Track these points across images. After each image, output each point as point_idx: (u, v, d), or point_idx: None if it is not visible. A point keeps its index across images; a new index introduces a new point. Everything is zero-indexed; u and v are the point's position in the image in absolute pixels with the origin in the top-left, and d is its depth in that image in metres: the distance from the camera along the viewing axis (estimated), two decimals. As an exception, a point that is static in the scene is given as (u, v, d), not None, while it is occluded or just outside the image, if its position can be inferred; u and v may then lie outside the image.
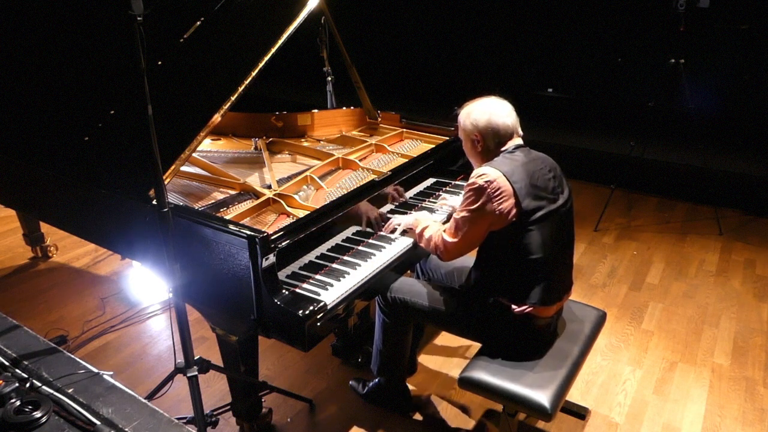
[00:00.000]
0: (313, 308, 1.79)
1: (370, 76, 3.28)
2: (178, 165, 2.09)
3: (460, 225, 1.98)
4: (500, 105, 2.04)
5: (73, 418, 1.21)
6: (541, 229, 1.92)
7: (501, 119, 2.00)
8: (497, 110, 2.02)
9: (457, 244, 2.00)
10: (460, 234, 1.98)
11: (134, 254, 2.30)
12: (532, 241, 1.92)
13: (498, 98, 2.06)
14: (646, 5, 5.19)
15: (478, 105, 2.05)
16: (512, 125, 2.02)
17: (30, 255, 3.75)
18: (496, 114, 2.00)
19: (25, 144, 2.64)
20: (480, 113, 2.02)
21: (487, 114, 2.01)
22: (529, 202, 1.90)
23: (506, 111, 2.03)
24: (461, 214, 1.97)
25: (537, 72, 6.13)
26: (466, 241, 1.99)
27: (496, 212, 1.89)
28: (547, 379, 1.94)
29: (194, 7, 2.51)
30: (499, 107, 2.03)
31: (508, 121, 2.01)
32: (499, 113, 2.01)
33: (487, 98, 2.07)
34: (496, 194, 1.88)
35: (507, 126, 2.01)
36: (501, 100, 2.06)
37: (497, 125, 2.00)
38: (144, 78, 1.58)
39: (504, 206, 1.89)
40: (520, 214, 1.90)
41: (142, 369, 2.77)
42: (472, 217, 1.94)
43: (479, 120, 2.01)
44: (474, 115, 2.03)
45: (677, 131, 4.62)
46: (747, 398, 2.58)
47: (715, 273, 3.60)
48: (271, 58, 2.21)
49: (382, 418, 2.45)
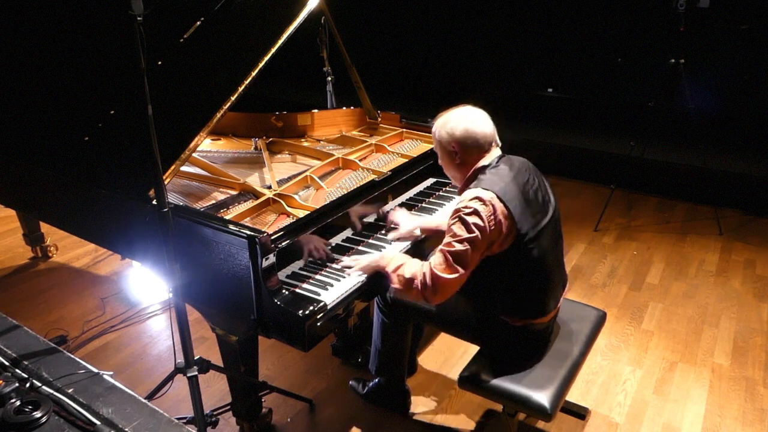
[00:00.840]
0: (313, 308, 1.79)
1: (370, 76, 3.28)
2: (178, 165, 2.09)
3: (456, 258, 1.78)
4: (477, 113, 1.94)
5: (73, 418, 1.21)
6: (536, 246, 1.86)
7: (479, 128, 1.89)
8: (475, 119, 1.91)
9: (457, 279, 1.79)
10: (459, 267, 1.78)
11: (134, 254, 2.30)
12: (527, 260, 1.86)
13: (473, 107, 1.96)
14: (646, 5, 5.19)
15: (454, 114, 1.94)
16: (491, 134, 1.92)
17: (30, 255, 3.75)
18: (473, 122, 1.90)
19: (25, 144, 2.64)
20: (456, 122, 1.90)
21: (464, 122, 1.90)
22: (524, 223, 1.81)
23: (484, 120, 1.93)
24: (454, 245, 1.78)
25: (537, 72, 6.12)
26: (466, 273, 1.80)
27: (493, 235, 1.79)
28: (546, 379, 1.94)
29: (194, 7, 2.51)
30: (476, 116, 1.93)
31: (487, 130, 1.91)
32: (477, 122, 1.91)
33: (461, 108, 1.95)
34: (491, 217, 1.77)
35: (486, 135, 1.90)
36: (477, 109, 1.95)
37: (476, 134, 1.89)
38: (144, 78, 1.58)
39: (501, 229, 1.79)
40: (517, 236, 1.82)
41: (142, 369, 2.77)
42: (468, 247, 1.77)
43: (456, 129, 1.89)
44: (450, 125, 1.91)
45: (677, 131, 4.62)
46: (747, 398, 2.58)
47: (715, 273, 3.60)
48: (271, 58, 2.21)
49: (382, 418, 2.45)
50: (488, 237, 1.79)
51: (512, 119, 5.45)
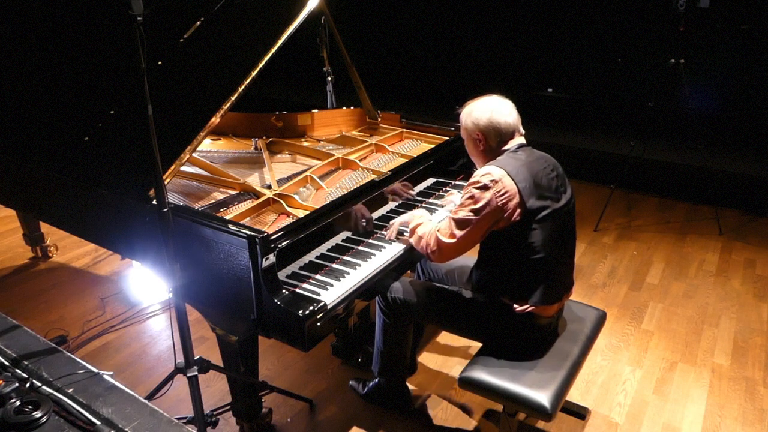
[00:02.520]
0: (313, 308, 1.79)
1: (370, 76, 3.28)
2: (178, 165, 2.09)
3: (459, 225, 1.94)
4: (501, 103, 2.03)
5: (73, 418, 1.21)
6: (544, 228, 1.92)
7: (503, 117, 1.99)
8: (498, 108, 2.01)
9: (455, 245, 1.96)
10: (458, 234, 1.94)
11: (134, 254, 2.30)
12: (535, 241, 1.92)
13: (499, 96, 2.06)
14: (646, 5, 5.19)
15: (480, 104, 2.04)
16: (514, 123, 2.02)
17: (30, 255, 3.75)
18: (497, 112, 2.00)
19: (25, 144, 2.64)
20: (481, 112, 2.01)
21: (488, 112, 2.00)
22: (533, 202, 1.89)
23: (507, 109, 2.02)
24: (461, 214, 1.93)
25: (537, 72, 6.12)
26: (465, 241, 1.95)
27: (500, 212, 1.88)
28: (547, 379, 1.94)
29: (194, 7, 2.51)
30: (501, 105, 2.02)
31: (510, 119, 2.01)
32: (501, 111, 2.00)
33: (488, 97, 2.06)
34: (500, 193, 1.87)
35: (509, 124, 2.00)
36: (502, 99, 2.06)
37: (499, 124, 1.99)
38: (144, 78, 1.58)
39: (508, 205, 1.88)
40: (524, 214, 1.89)
41: (142, 369, 2.77)
42: (474, 217, 1.90)
43: (480, 119, 2.00)
44: (475, 114, 2.02)
45: (677, 131, 4.61)
46: (747, 398, 2.58)
47: (715, 273, 3.60)
48: (271, 58, 2.21)
49: (382, 418, 2.45)
50: (494, 211, 1.88)
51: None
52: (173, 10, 2.57)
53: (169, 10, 2.55)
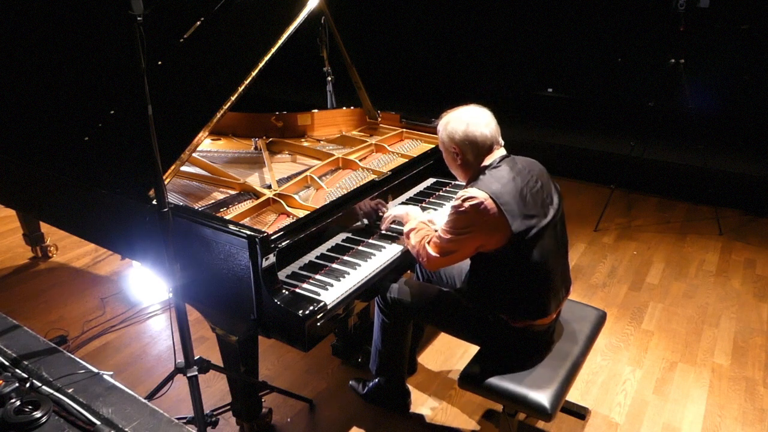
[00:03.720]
0: (313, 308, 1.79)
1: (370, 76, 3.28)
2: (178, 165, 2.09)
3: (445, 244, 1.91)
4: (478, 114, 1.95)
5: (73, 418, 1.21)
6: (534, 246, 1.87)
7: (479, 129, 1.91)
8: (475, 121, 1.92)
9: (443, 260, 1.95)
10: (444, 252, 1.92)
11: (134, 254, 2.30)
12: (525, 261, 1.88)
13: (477, 107, 1.98)
14: (646, 5, 5.19)
15: (455, 116, 1.96)
16: (491, 136, 1.93)
17: (30, 255, 3.74)
18: (473, 125, 1.91)
19: (25, 144, 2.64)
20: (456, 124, 1.93)
21: (463, 125, 1.92)
22: (519, 224, 1.83)
23: (485, 120, 1.94)
24: (447, 235, 1.90)
25: (537, 72, 6.12)
26: (450, 260, 1.96)
27: (484, 236, 1.86)
28: (547, 379, 1.94)
29: (194, 7, 2.51)
30: (477, 117, 1.94)
31: (486, 131, 1.92)
32: (477, 123, 1.92)
33: (464, 108, 1.98)
34: (483, 219, 1.82)
35: (485, 137, 1.92)
36: (480, 109, 1.97)
37: (475, 137, 1.91)
38: (144, 78, 1.58)
39: (492, 231, 1.84)
40: (511, 237, 1.84)
41: (142, 369, 2.77)
42: (458, 239, 1.88)
43: (456, 132, 1.93)
44: (450, 127, 1.94)
45: (677, 131, 4.62)
46: (747, 398, 2.58)
47: (715, 273, 3.60)
48: (271, 58, 2.21)
49: (382, 418, 2.45)
50: (478, 234, 1.87)
51: (512, 119, 5.44)
52: (173, 10, 2.57)
53: (169, 10, 2.55)
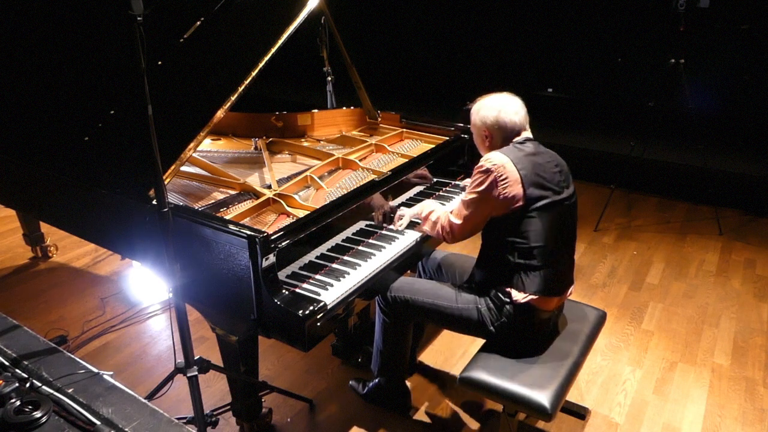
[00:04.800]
0: (313, 308, 1.79)
1: (370, 76, 3.28)
2: (178, 165, 2.09)
3: (466, 205, 2.04)
4: (510, 102, 2.08)
5: (73, 418, 1.21)
6: (544, 217, 1.95)
7: (509, 117, 2.04)
8: (506, 107, 2.06)
9: (463, 225, 2.07)
10: (464, 214, 2.04)
11: (134, 254, 2.30)
12: (535, 229, 1.95)
13: (509, 95, 2.11)
14: (646, 5, 5.19)
15: (488, 102, 2.09)
16: (520, 123, 2.06)
17: (30, 255, 3.75)
18: (504, 111, 2.05)
19: (25, 144, 2.64)
20: (488, 110, 2.06)
21: (495, 111, 2.05)
22: (533, 190, 1.94)
23: (515, 108, 2.07)
24: (468, 195, 2.03)
25: (537, 72, 6.12)
26: (470, 222, 2.05)
27: (501, 196, 1.94)
28: (547, 379, 1.94)
29: (194, 7, 2.51)
30: (509, 104, 2.07)
31: (516, 118, 2.05)
32: (508, 110, 2.05)
33: (497, 94, 2.11)
34: (501, 178, 1.93)
35: (515, 123, 2.05)
36: (511, 97, 2.10)
37: (504, 123, 2.04)
38: (144, 78, 1.58)
39: (508, 191, 1.93)
40: (524, 201, 1.94)
41: (142, 369, 2.77)
42: (477, 198, 1.99)
43: (488, 117, 2.06)
44: (483, 112, 2.08)
45: (677, 131, 4.62)
46: (747, 398, 2.58)
47: (715, 273, 3.60)
48: (271, 58, 2.21)
49: (382, 418, 2.45)
50: (496, 194, 1.95)
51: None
52: (173, 10, 2.57)
53: (169, 10, 2.55)
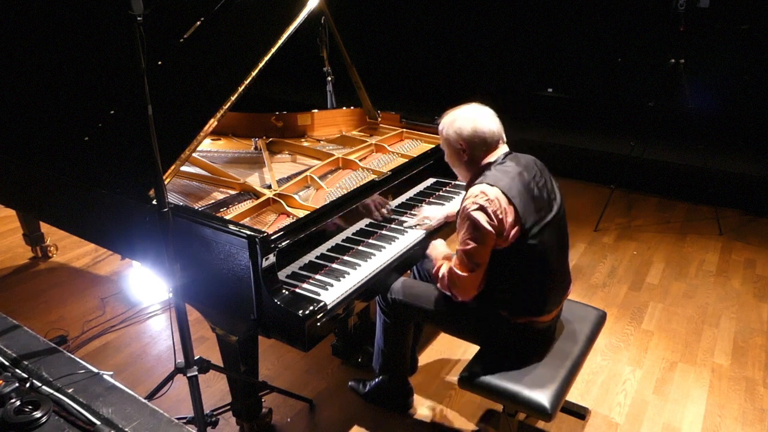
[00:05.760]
0: (313, 308, 1.79)
1: (370, 76, 3.28)
2: (178, 165, 2.09)
3: (467, 254, 1.88)
4: (484, 111, 1.98)
5: (73, 418, 1.21)
6: (540, 242, 1.88)
7: (487, 126, 1.94)
8: (482, 117, 1.95)
9: (474, 276, 1.90)
10: (471, 263, 1.88)
11: (134, 254, 2.30)
12: (531, 256, 1.89)
13: (480, 105, 2.00)
14: (646, 5, 5.19)
15: (462, 112, 1.98)
16: (497, 131, 1.96)
17: (30, 255, 3.75)
18: (481, 121, 1.94)
19: (25, 144, 2.64)
20: (464, 121, 1.95)
21: (471, 121, 1.94)
22: (529, 220, 1.85)
23: (490, 117, 1.97)
24: (467, 242, 1.87)
25: (537, 72, 6.12)
26: (479, 268, 1.89)
27: (498, 232, 1.84)
28: (547, 379, 1.94)
29: (194, 7, 2.51)
30: (483, 113, 1.97)
31: (494, 127, 1.95)
32: (484, 120, 1.95)
33: (468, 105, 2.00)
34: (497, 213, 1.82)
35: (493, 132, 1.95)
36: (483, 107, 2.00)
37: (483, 132, 1.93)
38: (144, 78, 1.58)
39: (505, 225, 1.84)
40: (521, 232, 1.85)
41: (142, 369, 2.77)
42: (478, 240, 1.85)
43: (464, 128, 1.94)
44: (458, 123, 1.95)
45: (677, 131, 4.61)
46: (747, 398, 2.58)
47: (715, 273, 3.60)
48: (271, 58, 2.21)
49: (383, 417, 2.45)
50: (495, 231, 1.84)
51: (512, 119, 5.42)
52: (173, 10, 2.57)
53: (169, 10, 2.55)
